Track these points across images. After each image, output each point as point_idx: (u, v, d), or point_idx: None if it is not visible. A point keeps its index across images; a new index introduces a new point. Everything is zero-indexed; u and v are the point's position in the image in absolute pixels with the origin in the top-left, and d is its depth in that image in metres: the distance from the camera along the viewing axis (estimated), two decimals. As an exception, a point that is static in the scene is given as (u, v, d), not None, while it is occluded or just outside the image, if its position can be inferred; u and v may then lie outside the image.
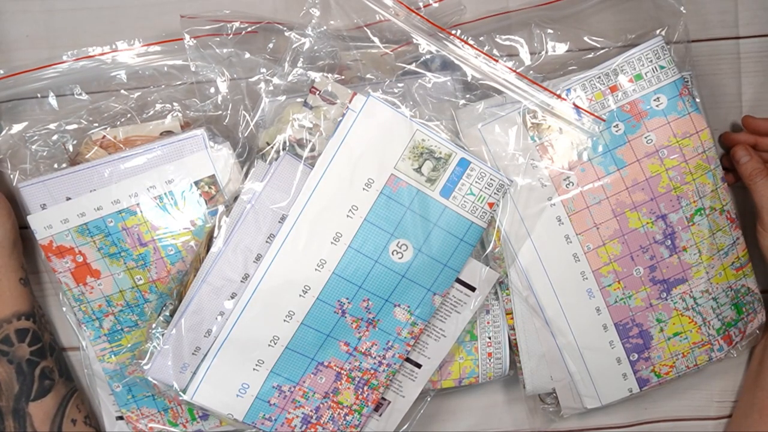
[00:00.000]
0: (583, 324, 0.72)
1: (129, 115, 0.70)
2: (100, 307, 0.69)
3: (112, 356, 0.71)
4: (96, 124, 0.70)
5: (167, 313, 0.68)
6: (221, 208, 0.67)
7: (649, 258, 0.71)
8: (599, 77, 0.69)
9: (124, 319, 0.70)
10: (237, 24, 0.68)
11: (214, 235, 0.67)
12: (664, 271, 0.72)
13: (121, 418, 0.73)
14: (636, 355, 0.73)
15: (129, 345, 0.70)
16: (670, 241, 0.71)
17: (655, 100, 0.69)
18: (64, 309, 0.72)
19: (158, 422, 0.73)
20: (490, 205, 0.68)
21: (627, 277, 0.71)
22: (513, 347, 0.74)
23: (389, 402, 0.72)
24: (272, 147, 0.67)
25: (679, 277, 0.72)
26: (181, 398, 0.67)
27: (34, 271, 0.74)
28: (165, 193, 0.68)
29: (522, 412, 0.81)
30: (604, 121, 0.69)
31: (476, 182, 0.67)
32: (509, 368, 0.74)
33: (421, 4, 0.68)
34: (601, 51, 0.72)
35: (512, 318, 0.73)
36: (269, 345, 0.68)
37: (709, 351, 0.74)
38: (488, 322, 0.73)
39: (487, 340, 0.73)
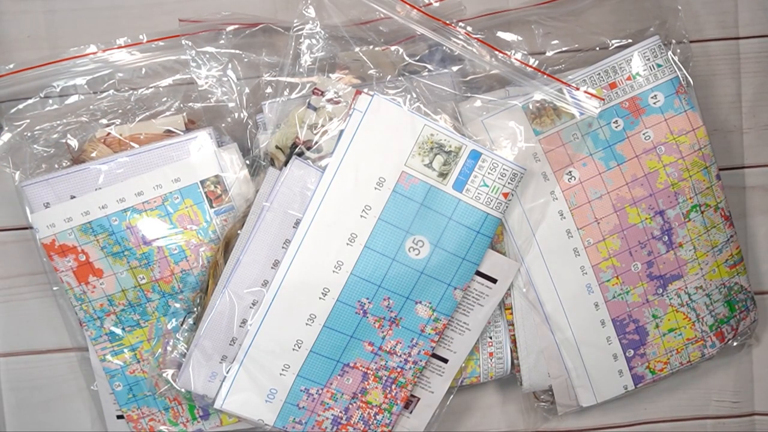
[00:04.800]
0: (582, 319, 0.73)
1: (131, 113, 0.70)
2: (101, 306, 0.69)
3: (113, 355, 0.71)
4: (99, 122, 0.69)
5: (191, 321, 0.69)
6: (233, 212, 0.68)
7: (647, 254, 0.72)
8: (598, 74, 0.70)
9: (125, 318, 0.70)
10: (237, 25, 0.69)
11: (231, 243, 0.67)
12: (660, 267, 0.72)
13: (121, 416, 0.73)
14: (632, 351, 0.73)
15: (130, 344, 0.70)
16: (667, 237, 0.72)
17: (652, 97, 0.70)
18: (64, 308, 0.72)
19: (159, 421, 0.72)
20: (505, 195, 0.67)
21: (625, 273, 0.72)
22: (512, 344, 0.74)
23: (418, 399, 0.72)
24: (281, 151, 0.67)
25: (675, 273, 0.73)
26: (211, 407, 0.68)
27: (35, 272, 0.73)
28: (171, 192, 0.68)
29: (521, 412, 0.81)
30: (603, 100, 0.68)
31: (489, 173, 0.67)
32: (510, 368, 0.74)
33: (421, 5, 0.69)
34: (600, 49, 0.72)
35: (511, 313, 0.73)
36: (293, 349, 0.68)
37: (701, 347, 0.75)
38: (489, 322, 0.73)
39: (488, 339, 0.73)
